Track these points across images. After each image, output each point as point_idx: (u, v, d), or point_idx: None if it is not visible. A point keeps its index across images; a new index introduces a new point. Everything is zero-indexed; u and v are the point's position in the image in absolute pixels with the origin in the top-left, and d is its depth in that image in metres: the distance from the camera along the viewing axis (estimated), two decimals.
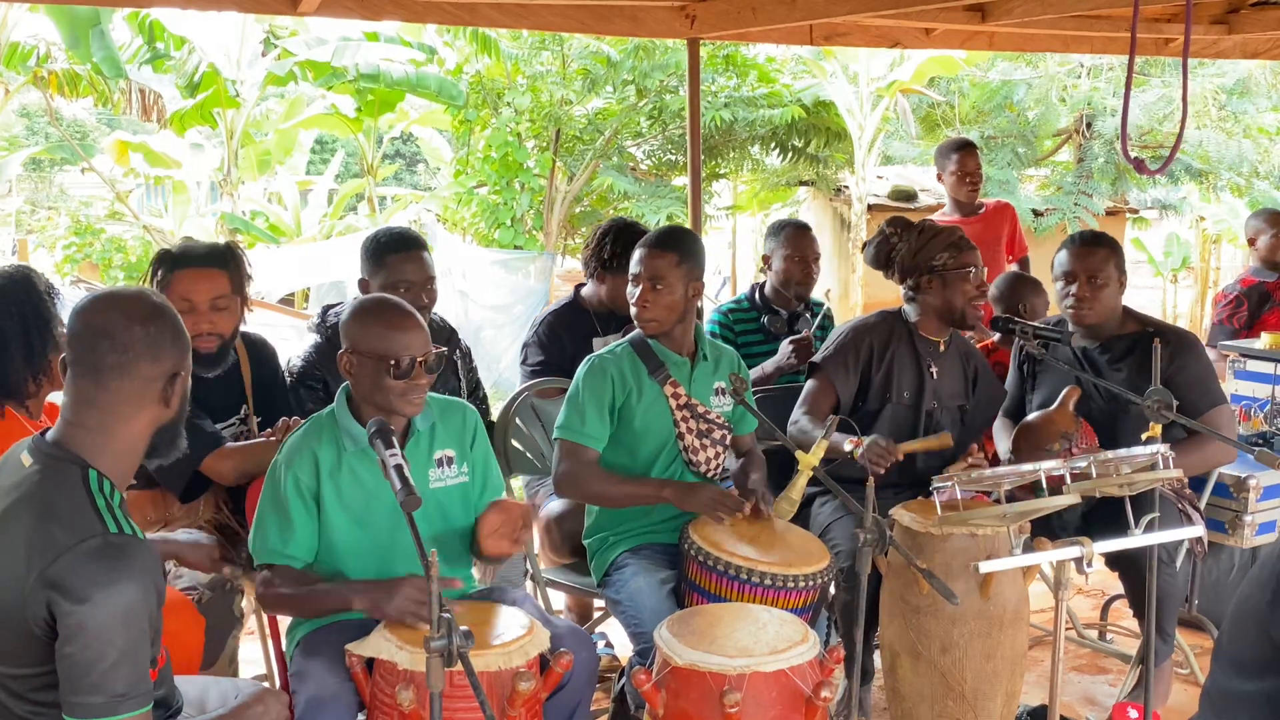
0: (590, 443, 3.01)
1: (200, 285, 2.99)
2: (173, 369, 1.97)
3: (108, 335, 1.91)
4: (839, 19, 4.94)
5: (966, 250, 3.33)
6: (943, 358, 3.42)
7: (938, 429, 3.39)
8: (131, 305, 1.95)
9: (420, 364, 2.49)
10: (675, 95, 11.65)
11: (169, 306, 2.01)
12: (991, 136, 12.70)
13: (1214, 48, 5.98)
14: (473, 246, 12.06)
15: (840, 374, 3.36)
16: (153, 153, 13.17)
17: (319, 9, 4.30)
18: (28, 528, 1.83)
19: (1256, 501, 3.71)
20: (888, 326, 3.42)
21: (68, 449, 1.91)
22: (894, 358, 3.37)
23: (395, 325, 2.51)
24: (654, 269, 3.03)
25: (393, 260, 3.23)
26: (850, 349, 3.38)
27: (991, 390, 3.54)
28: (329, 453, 2.54)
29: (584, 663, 2.50)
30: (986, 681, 2.90)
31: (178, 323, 2.00)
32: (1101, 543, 2.55)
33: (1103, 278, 3.34)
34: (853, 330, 3.44)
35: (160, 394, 1.96)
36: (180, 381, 1.99)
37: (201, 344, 2.97)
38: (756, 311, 4.18)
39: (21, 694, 1.87)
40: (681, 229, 3.35)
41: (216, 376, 3.09)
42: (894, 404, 3.35)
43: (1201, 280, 16.00)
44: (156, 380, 1.95)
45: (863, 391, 3.37)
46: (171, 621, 2.64)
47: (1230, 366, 4.44)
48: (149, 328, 1.93)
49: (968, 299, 3.32)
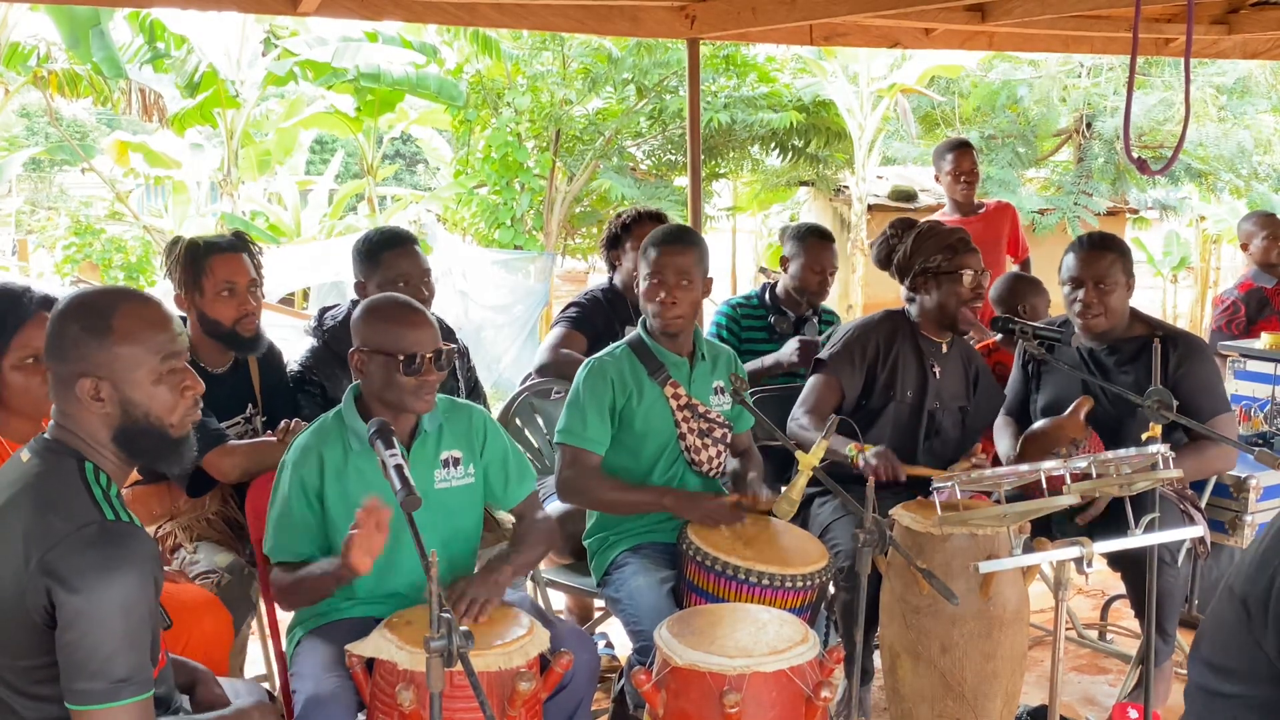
0: (592, 447, 3.01)
1: (237, 268, 3.05)
2: (79, 371, 1.88)
3: (46, 336, 1.94)
4: (839, 19, 4.95)
5: (964, 253, 3.32)
6: (945, 358, 3.42)
7: (939, 429, 3.39)
8: (65, 303, 1.95)
9: (430, 360, 2.50)
10: (675, 95, 11.64)
11: (98, 309, 1.91)
12: (991, 136, 12.70)
13: (1214, 48, 5.98)
14: (473, 247, 12.05)
15: (846, 371, 3.36)
16: (153, 153, 13.16)
17: (319, 9, 4.31)
18: (26, 518, 1.84)
19: (1256, 502, 3.71)
20: (892, 325, 3.42)
21: (62, 443, 1.93)
22: (898, 356, 3.37)
23: (406, 322, 2.53)
24: (680, 266, 3.01)
25: (388, 257, 3.24)
26: (856, 346, 3.38)
27: (991, 393, 3.55)
28: (335, 453, 2.55)
29: (585, 663, 2.50)
30: (986, 682, 2.90)
31: (99, 325, 1.89)
32: (1101, 543, 2.55)
33: (1110, 283, 3.31)
34: (858, 328, 3.44)
35: (90, 395, 1.89)
36: (102, 385, 1.88)
37: (244, 327, 3.05)
38: (765, 310, 4.18)
39: (22, 688, 1.87)
40: (688, 227, 3.37)
41: (225, 374, 3.11)
42: (897, 403, 3.35)
43: (1201, 280, 15.99)
44: (68, 380, 1.90)
45: (867, 390, 3.37)
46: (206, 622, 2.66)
47: (1230, 367, 4.44)
48: (55, 324, 1.92)
49: (960, 301, 3.31)
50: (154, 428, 1.95)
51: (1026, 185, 13.18)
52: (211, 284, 3.01)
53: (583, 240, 13.32)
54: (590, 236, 13.21)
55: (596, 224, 12.89)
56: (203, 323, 3.05)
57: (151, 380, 1.93)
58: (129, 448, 1.96)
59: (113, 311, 1.91)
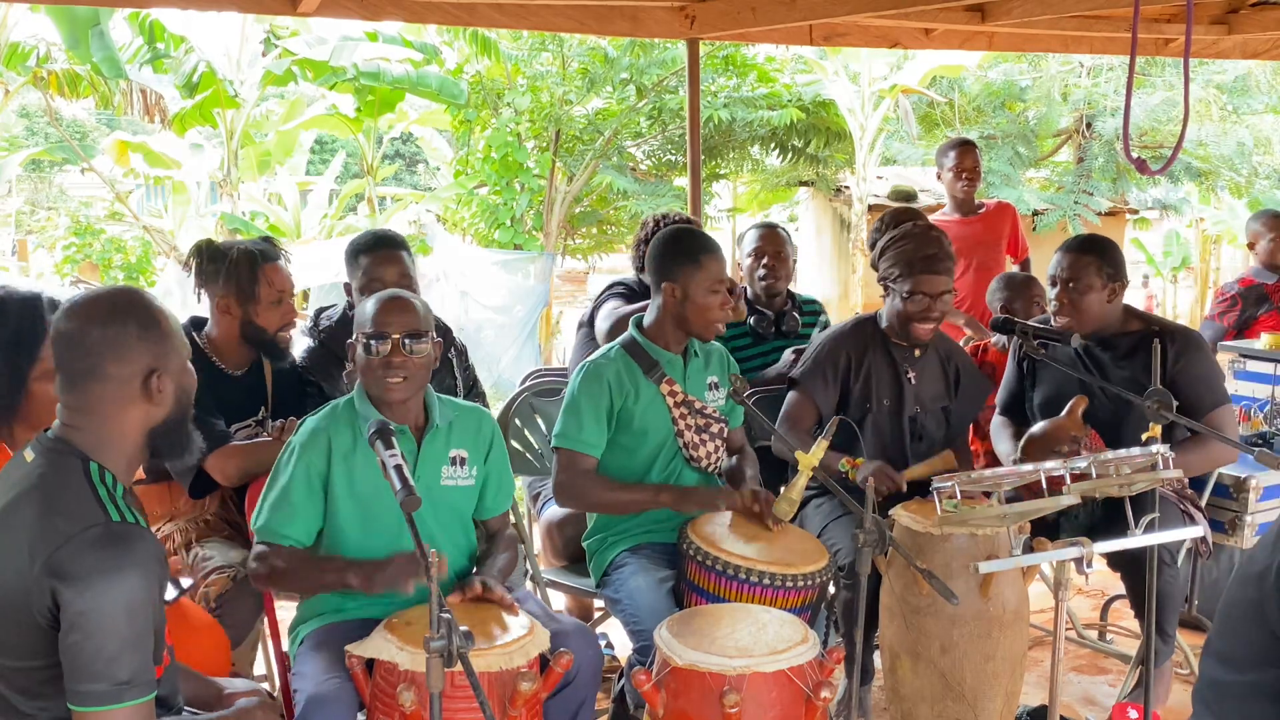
0: (588, 450, 3.02)
1: (286, 277, 3.14)
2: (147, 367, 1.94)
3: (71, 340, 1.93)
4: (839, 19, 4.95)
5: (921, 273, 3.24)
6: (920, 362, 3.39)
7: (923, 433, 3.37)
8: (92, 308, 1.95)
9: (397, 342, 2.51)
10: (675, 95, 11.64)
11: (139, 305, 1.97)
12: (991, 136, 12.69)
13: (1214, 48, 5.98)
14: (473, 247, 12.05)
15: (819, 388, 3.35)
16: (152, 153, 13.17)
17: (319, 9, 4.31)
18: (31, 519, 1.84)
19: (1256, 502, 3.71)
20: (863, 335, 3.40)
21: (68, 443, 1.93)
22: (870, 367, 3.35)
23: (381, 305, 2.57)
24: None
25: (365, 262, 3.25)
26: (827, 362, 3.36)
27: (975, 385, 3.51)
28: (345, 437, 2.56)
29: (588, 661, 2.51)
30: (986, 682, 2.90)
31: (150, 320, 1.96)
32: (1101, 543, 2.55)
33: (1082, 285, 3.29)
34: (829, 341, 3.42)
35: (140, 393, 1.94)
36: (164, 379, 1.95)
37: (283, 335, 3.14)
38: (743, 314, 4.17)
39: (26, 689, 1.88)
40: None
41: (241, 376, 3.12)
42: (875, 413, 3.34)
43: (1201, 280, 16.00)
44: (130, 380, 1.93)
45: (843, 403, 3.35)
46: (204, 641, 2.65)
47: (1230, 367, 4.44)
48: (108, 329, 1.92)
49: (907, 318, 3.28)
50: (187, 413, 2.03)
51: (1027, 185, 13.18)
52: (267, 292, 3.07)
53: (582, 240, 13.33)
54: (590, 237, 13.22)
55: (596, 224, 12.90)
56: (245, 328, 3.08)
57: (185, 362, 2.03)
58: (160, 441, 2.00)
59: (152, 307, 1.99)
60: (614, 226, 13.05)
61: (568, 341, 11.69)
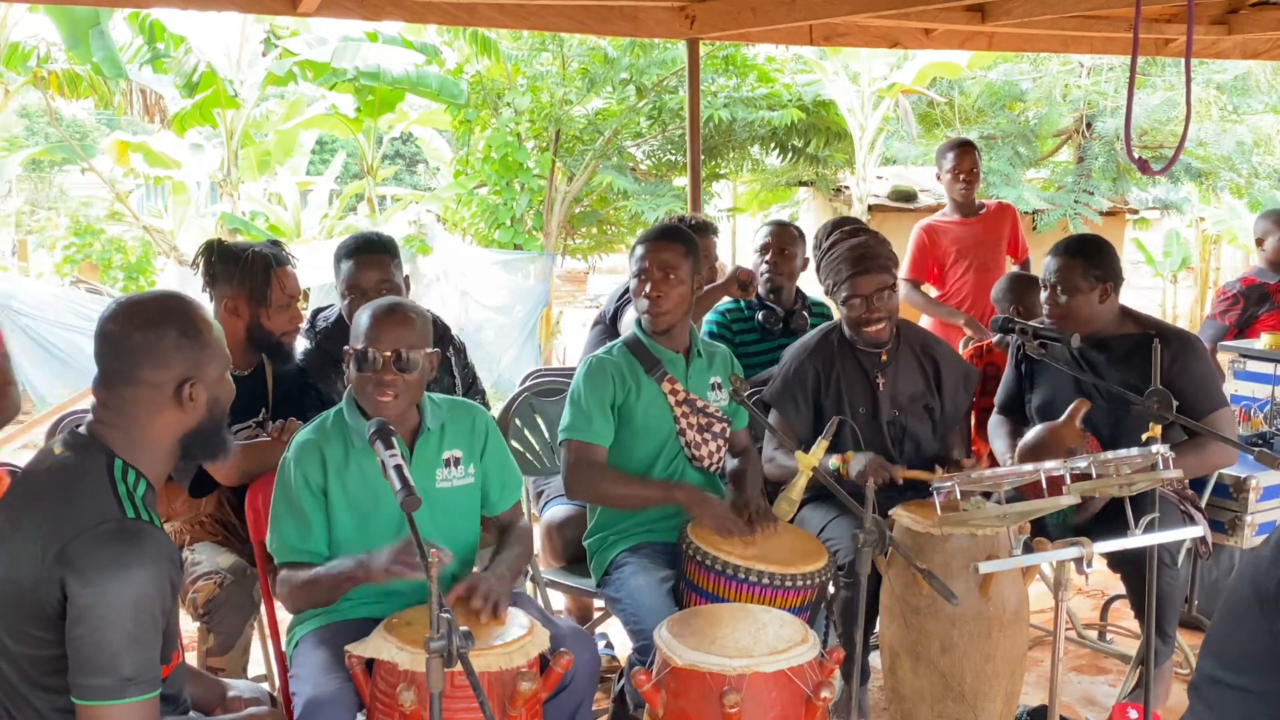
0: (597, 440, 3.01)
1: (296, 281, 3.16)
2: (182, 375, 1.95)
3: (111, 341, 1.96)
4: (839, 19, 4.95)
5: (855, 275, 3.23)
6: (889, 365, 3.36)
7: (906, 434, 3.35)
8: (136, 311, 1.96)
9: (388, 360, 2.49)
10: (675, 95, 11.64)
11: (183, 313, 1.99)
12: (991, 136, 12.67)
13: (1214, 48, 5.98)
14: (473, 247, 12.05)
15: (790, 409, 3.35)
16: (152, 153, 13.15)
17: (319, 9, 4.31)
18: (49, 508, 1.87)
19: (1256, 502, 3.71)
20: (828, 346, 3.38)
21: (96, 439, 1.95)
22: (840, 377, 3.34)
23: (371, 320, 2.54)
24: (664, 261, 3.02)
25: (346, 266, 3.25)
26: (795, 382, 3.35)
27: (957, 375, 3.45)
28: (337, 450, 2.55)
29: (585, 663, 2.50)
30: (986, 682, 2.90)
31: (192, 329, 1.97)
32: (1101, 543, 2.54)
33: (1067, 287, 3.29)
34: (794, 359, 3.41)
35: (172, 399, 1.95)
36: (198, 388, 1.97)
37: (290, 338, 3.15)
38: (751, 310, 4.18)
39: (35, 678, 1.88)
40: (679, 226, 3.36)
41: (244, 377, 3.13)
42: (853, 421, 3.31)
43: (1201, 280, 15.98)
44: (163, 386, 1.95)
45: (819, 418, 3.32)
46: None
47: (1230, 367, 4.44)
48: (149, 334, 1.93)
49: (855, 323, 3.28)
50: (221, 421, 2.05)
51: (1027, 185, 13.16)
52: (279, 296, 3.08)
53: (583, 240, 13.31)
54: (590, 237, 13.21)
55: (596, 224, 12.89)
56: (253, 330, 3.09)
57: (224, 372, 2.04)
58: (193, 446, 2.02)
59: (196, 316, 2.00)
60: (614, 226, 13.04)
61: (568, 341, 11.69)
